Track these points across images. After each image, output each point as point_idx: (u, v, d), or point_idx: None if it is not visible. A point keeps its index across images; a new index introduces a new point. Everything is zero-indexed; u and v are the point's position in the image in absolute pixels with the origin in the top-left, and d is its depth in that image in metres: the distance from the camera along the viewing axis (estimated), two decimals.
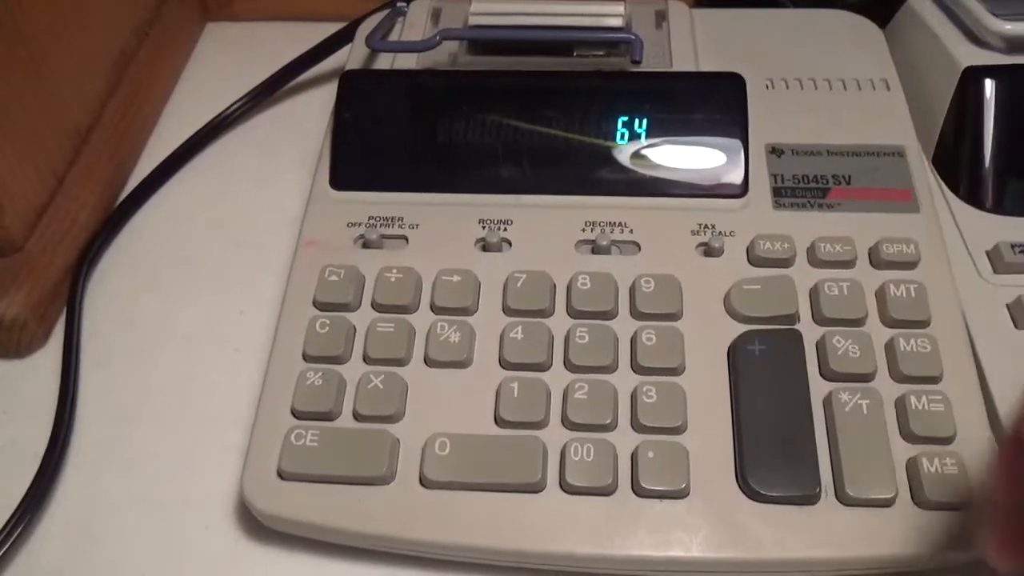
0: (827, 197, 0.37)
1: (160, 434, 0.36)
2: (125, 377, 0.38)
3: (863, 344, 0.33)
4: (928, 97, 0.40)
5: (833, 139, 0.38)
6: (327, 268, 0.35)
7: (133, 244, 0.43)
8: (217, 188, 0.45)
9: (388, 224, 0.37)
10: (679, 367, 0.33)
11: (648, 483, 0.30)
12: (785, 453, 0.31)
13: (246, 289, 0.40)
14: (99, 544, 0.33)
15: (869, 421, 0.31)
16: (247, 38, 0.53)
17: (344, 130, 0.39)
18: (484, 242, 0.36)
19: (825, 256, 0.35)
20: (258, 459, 0.32)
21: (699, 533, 0.30)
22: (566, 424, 0.32)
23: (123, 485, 0.34)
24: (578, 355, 0.33)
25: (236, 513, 0.33)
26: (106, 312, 0.40)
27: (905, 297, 0.34)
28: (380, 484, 0.31)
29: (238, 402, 0.36)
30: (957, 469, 0.30)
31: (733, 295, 0.34)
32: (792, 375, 0.32)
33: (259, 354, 0.37)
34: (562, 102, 0.38)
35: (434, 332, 0.34)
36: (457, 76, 0.40)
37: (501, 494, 0.31)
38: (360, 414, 0.32)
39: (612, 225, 0.36)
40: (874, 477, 0.30)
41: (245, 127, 0.48)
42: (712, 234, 0.36)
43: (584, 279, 0.35)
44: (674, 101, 0.38)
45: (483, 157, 0.38)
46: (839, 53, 0.42)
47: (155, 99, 0.49)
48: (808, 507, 0.30)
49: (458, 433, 0.31)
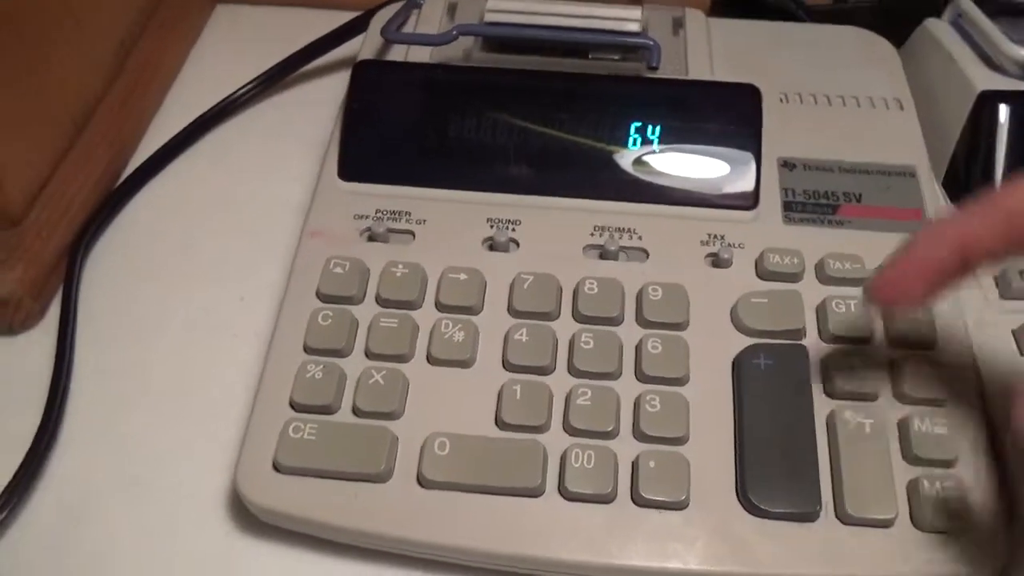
0: (837, 213, 0.37)
1: (154, 419, 0.35)
2: (121, 359, 0.37)
3: (869, 363, 0.32)
4: (941, 118, 0.40)
5: (845, 156, 0.38)
6: (332, 259, 0.35)
7: (133, 226, 0.42)
8: (221, 173, 0.44)
9: (395, 218, 0.37)
10: (683, 377, 0.32)
11: (648, 492, 0.30)
12: (786, 469, 0.30)
13: (247, 276, 0.40)
14: (87, 528, 0.32)
15: (871, 441, 0.31)
16: (257, 22, 0.52)
17: (355, 120, 0.39)
18: (492, 241, 0.36)
19: (833, 273, 0.35)
20: (253, 450, 0.31)
21: (697, 545, 0.29)
22: (567, 429, 0.31)
23: (114, 469, 0.34)
24: (582, 360, 0.33)
25: (228, 504, 0.33)
26: (104, 293, 0.39)
27: (912, 318, 0.33)
28: (377, 481, 0.31)
29: (235, 391, 0.35)
30: (957, 492, 0.30)
31: (740, 307, 0.34)
32: (796, 391, 0.32)
33: (258, 343, 0.37)
34: (576, 104, 0.38)
35: (438, 330, 0.33)
36: (471, 72, 0.40)
37: (499, 497, 0.30)
38: (360, 409, 0.32)
39: (621, 231, 0.36)
40: (875, 497, 0.30)
41: (252, 113, 0.47)
42: (721, 245, 0.36)
43: (591, 284, 0.34)
44: (689, 109, 0.38)
45: (494, 155, 0.38)
46: (854, 70, 0.42)
47: (160, 81, 0.48)
48: (807, 524, 0.30)
49: (458, 433, 0.31)
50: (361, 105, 0.39)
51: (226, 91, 0.46)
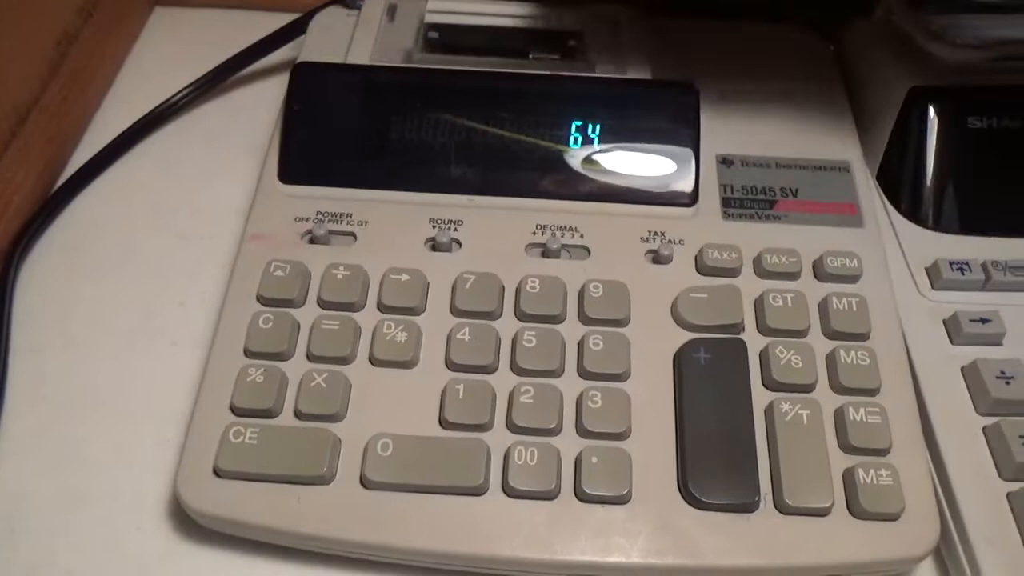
0: (774, 208, 0.37)
1: (91, 427, 0.35)
2: (57, 366, 0.36)
3: (805, 355, 0.33)
4: (874, 115, 0.41)
5: (781, 152, 0.39)
6: (272, 263, 0.35)
7: (71, 230, 0.41)
8: (161, 177, 0.44)
9: (336, 220, 0.36)
10: (625, 373, 0.33)
11: (591, 488, 0.30)
12: (726, 461, 0.31)
13: (187, 281, 0.39)
14: (21, 540, 0.32)
15: (808, 431, 0.31)
16: (196, 24, 0.51)
17: (294, 122, 0.38)
18: (434, 242, 0.36)
19: (771, 267, 0.35)
20: (194, 456, 0.31)
21: (639, 539, 0.30)
22: (511, 427, 0.32)
23: (50, 479, 0.33)
24: (525, 358, 0.33)
25: (169, 511, 0.32)
26: (40, 299, 0.39)
27: (847, 310, 0.34)
28: (320, 484, 0.30)
29: (175, 397, 0.35)
30: (892, 480, 0.30)
31: (680, 303, 0.34)
32: (735, 384, 0.33)
33: (198, 348, 0.36)
34: (516, 104, 0.38)
35: (380, 331, 0.33)
36: (412, 73, 0.40)
37: (443, 496, 0.30)
38: (302, 412, 0.32)
39: (563, 229, 0.36)
40: (812, 487, 0.30)
41: (191, 116, 0.47)
42: (661, 241, 0.36)
43: (533, 282, 0.35)
44: (628, 107, 0.38)
45: (435, 156, 0.38)
46: (790, 68, 0.42)
47: (98, 82, 0.47)
48: (747, 515, 0.30)
49: (401, 434, 0.31)
50: (301, 107, 0.38)
51: (165, 94, 0.46)
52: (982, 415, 0.33)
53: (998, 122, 0.38)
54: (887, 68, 0.40)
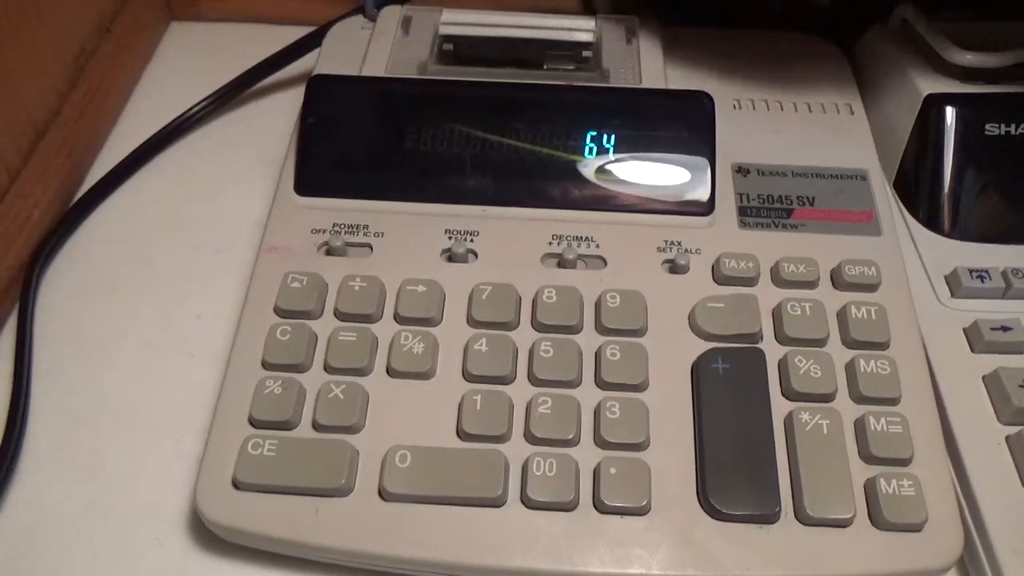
0: (791, 217, 0.37)
1: (111, 440, 0.35)
2: (77, 381, 0.37)
3: (824, 364, 0.33)
4: (891, 122, 0.40)
5: (797, 160, 0.39)
6: (289, 275, 0.35)
7: (89, 244, 0.42)
8: (177, 190, 0.44)
9: (353, 232, 0.37)
10: (643, 383, 0.33)
11: (609, 499, 0.30)
12: (746, 471, 0.31)
13: (204, 293, 0.39)
14: (42, 551, 0.32)
15: (829, 441, 0.31)
16: (212, 39, 0.52)
17: (310, 135, 0.38)
18: (450, 252, 0.36)
19: (788, 276, 0.35)
20: (212, 468, 0.31)
21: (659, 550, 0.30)
22: (528, 438, 0.31)
23: (70, 490, 0.33)
24: (542, 369, 0.33)
25: (188, 524, 0.32)
26: (60, 313, 0.39)
27: (866, 319, 0.34)
28: (338, 496, 0.30)
29: (193, 409, 0.35)
30: (914, 490, 0.30)
31: (697, 313, 0.34)
32: (754, 394, 0.32)
33: (216, 360, 0.36)
34: (531, 114, 0.38)
35: (397, 342, 0.33)
36: (426, 84, 0.40)
37: (461, 508, 0.30)
38: (320, 424, 0.32)
39: (579, 239, 0.36)
40: (833, 497, 0.30)
41: (208, 129, 0.47)
42: (678, 251, 0.36)
43: (550, 292, 0.34)
44: (643, 117, 0.38)
45: (451, 167, 0.38)
46: (805, 76, 0.42)
47: (115, 97, 0.48)
48: (768, 526, 0.30)
49: (419, 445, 0.31)
50: (316, 119, 0.39)
51: (182, 107, 0.46)
52: (1004, 424, 0.32)
53: (1016, 129, 0.38)
54: (903, 75, 0.40)
